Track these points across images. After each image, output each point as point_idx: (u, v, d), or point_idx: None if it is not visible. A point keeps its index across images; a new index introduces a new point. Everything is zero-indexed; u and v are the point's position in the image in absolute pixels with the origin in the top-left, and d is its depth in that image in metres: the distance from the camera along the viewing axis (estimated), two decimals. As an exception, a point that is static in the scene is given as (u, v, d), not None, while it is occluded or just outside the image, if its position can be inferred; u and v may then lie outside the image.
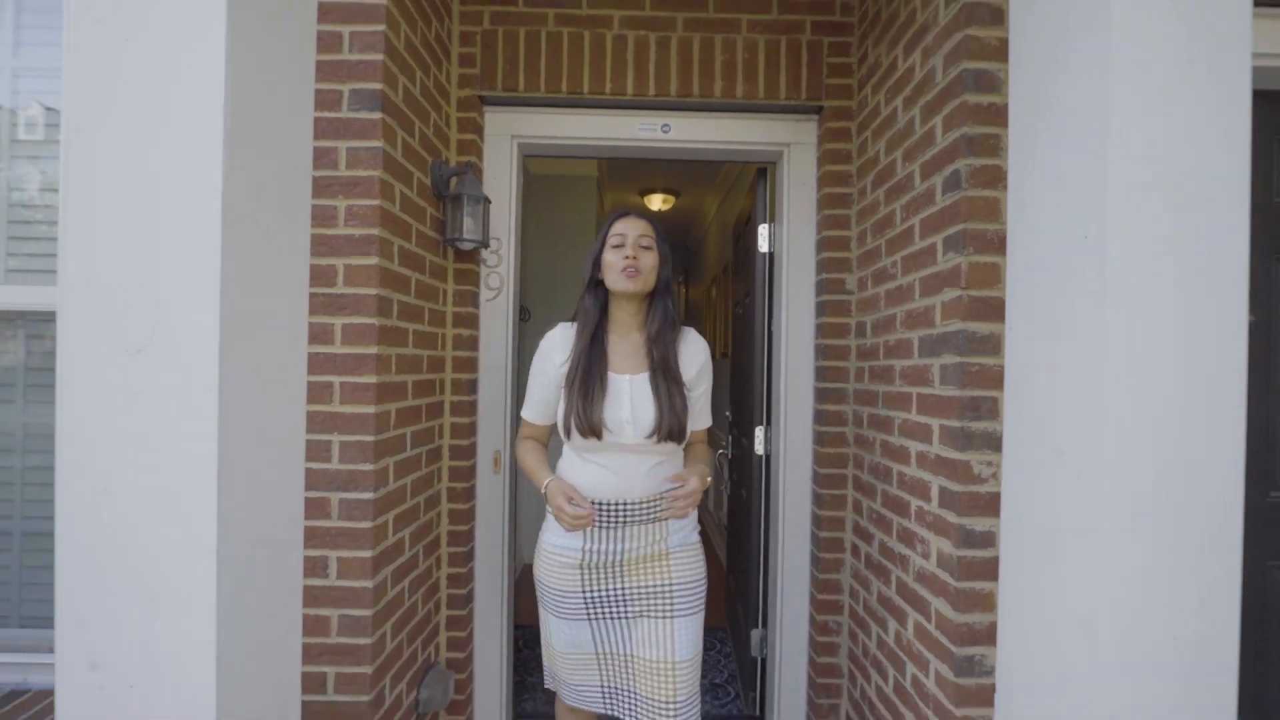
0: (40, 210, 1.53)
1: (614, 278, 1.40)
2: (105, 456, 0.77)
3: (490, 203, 1.84)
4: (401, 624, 1.58)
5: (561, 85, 1.88)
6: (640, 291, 1.42)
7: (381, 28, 1.40)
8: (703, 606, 1.45)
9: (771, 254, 2.11)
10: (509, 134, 1.94)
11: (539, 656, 2.73)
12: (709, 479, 1.42)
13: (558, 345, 1.45)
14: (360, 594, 1.39)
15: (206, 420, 0.76)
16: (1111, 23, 0.80)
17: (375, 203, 1.39)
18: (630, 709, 1.43)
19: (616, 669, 1.44)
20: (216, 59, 0.80)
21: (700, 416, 1.49)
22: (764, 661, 2.11)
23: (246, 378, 0.84)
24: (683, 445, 1.45)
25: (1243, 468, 0.79)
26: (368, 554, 1.39)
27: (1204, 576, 0.78)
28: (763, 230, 2.14)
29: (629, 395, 1.37)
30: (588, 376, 1.37)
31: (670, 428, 1.36)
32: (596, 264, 1.45)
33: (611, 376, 1.39)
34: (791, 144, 1.97)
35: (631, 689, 1.42)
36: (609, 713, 1.46)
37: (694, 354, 1.46)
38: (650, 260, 1.42)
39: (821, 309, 1.92)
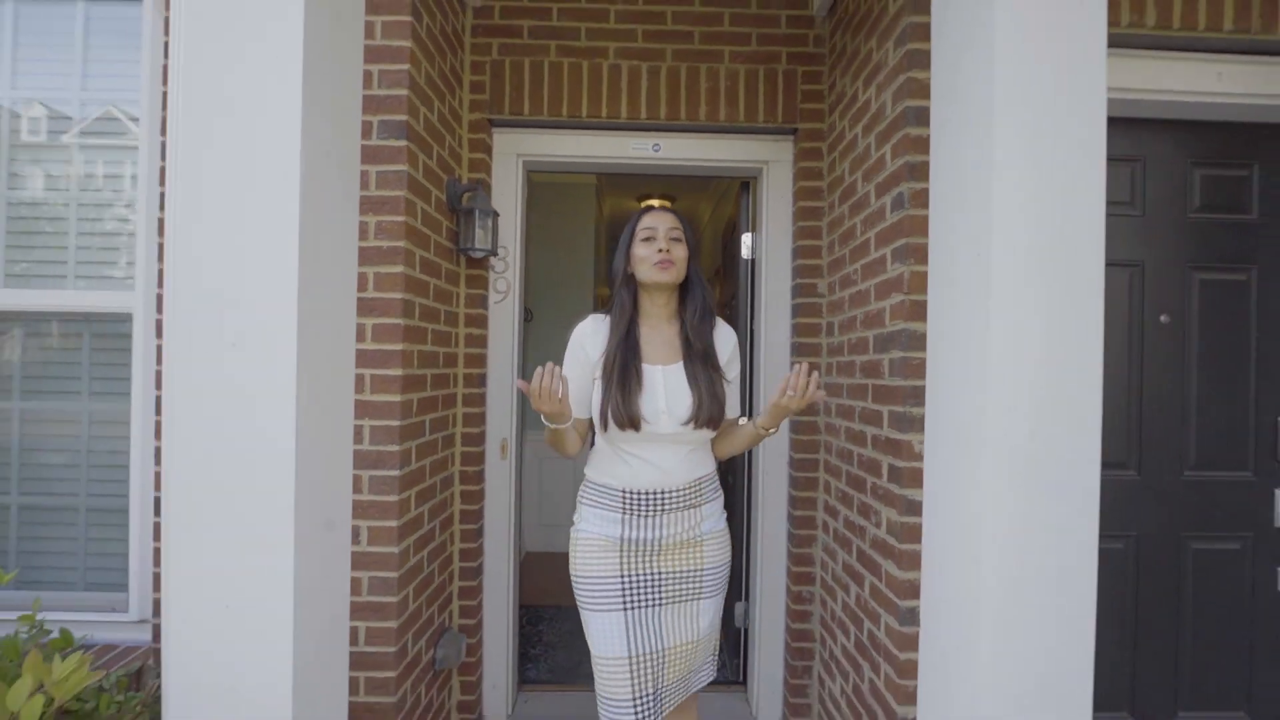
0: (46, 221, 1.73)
1: (647, 270, 1.40)
2: (206, 428, 0.97)
3: (499, 216, 2.05)
4: (421, 588, 1.78)
5: (562, 109, 2.09)
6: (673, 283, 1.42)
7: (405, 67, 1.61)
8: (726, 586, 1.50)
9: (753, 260, 2.33)
10: (515, 153, 2.16)
11: (540, 633, 2.95)
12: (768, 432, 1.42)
13: (589, 336, 1.43)
14: (387, 559, 1.60)
15: (286, 402, 0.97)
16: (995, 85, 1.02)
17: (400, 219, 1.60)
18: (657, 710, 1.39)
19: (650, 671, 1.39)
20: (293, 109, 1.01)
21: (732, 405, 1.48)
22: (747, 631, 2.32)
23: (315, 368, 1.04)
24: (716, 433, 1.45)
25: (1099, 433, 1.00)
26: (393, 524, 1.60)
27: (1066, 519, 0.99)
28: (745, 239, 2.36)
29: (663, 386, 1.38)
30: (625, 369, 1.36)
31: (711, 413, 1.37)
32: (627, 258, 1.44)
33: (645, 368, 1.39)
34: (770, 162, 2.19)
35: (661, 686, 1.41)
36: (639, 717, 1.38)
37: (723, 342, 1.47)
38: (681, 252, 1.41)
39: (796, 310, 2.14)
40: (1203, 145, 1.79)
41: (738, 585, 2.35)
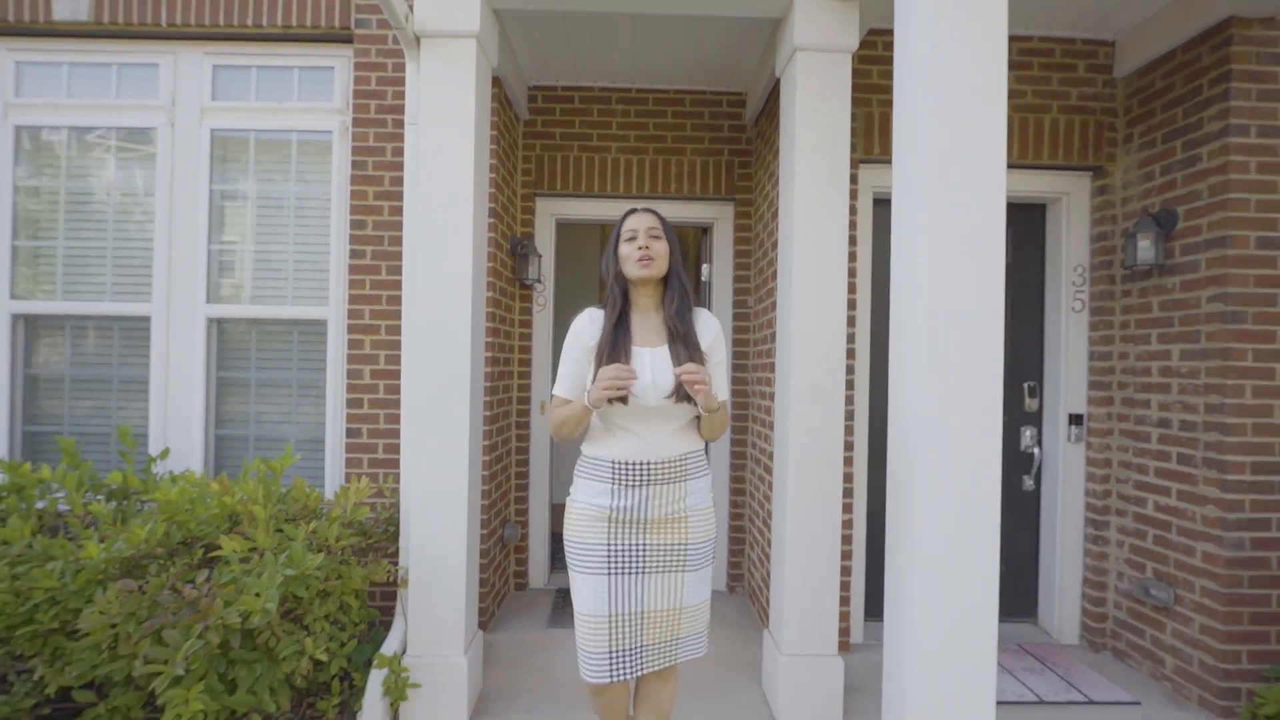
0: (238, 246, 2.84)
1: (631, 267, 1.54)
2: (425, 380, 2.11)
3: (541, 256, 3.18)
4: (496, 488, 2.91)
5: (582, 186, 3.20)
6: (655, 276, 1.55)
7: (492, 175, 2.73)
8: (710, 561, 1.59)
9: (710, 282, 3.45)
10: (550, 214, 3.28)
11: (561, 548, 4.04)
12: (720, 406, 1.54)
13: (586, 325, 1.60)
14: (483, 464, 2.72)
15: (464, 365, 2.08)
16: (794, 197, 2.15)
17: (490, 264, 2.72)
18: (635, 666, 1.50)
19: (627, 629, 1.49)
20: (468, 199, 2.13)
21: (718, 387, 1.58)
22: (704, 533, 3.44)
23: (474, 352, 2.18)
24: (698, 413, 1.55)
25: (842, 386, 2.13)
26: (485, 443, 2.72)
27: (830, 423, 2.12)
28: (705, 268, 3.48)
29: (650, 364, 1.50)
30: (614, 350, 1.51)
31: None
32: (615, 257, 1.58)
33: (635, 349, 1.52)
34: (718, 219, 3.31)
35: (640, 644, 1.50)
36: (614, 680, 1.51)
37: (705, 328, 1.60)
38: (661, 248, 1.55)
39: (735, 317, 3.26)
40: (975, 217, 2.91)
41: (699, 502, 3.46)
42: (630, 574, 1.50)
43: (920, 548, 1.49)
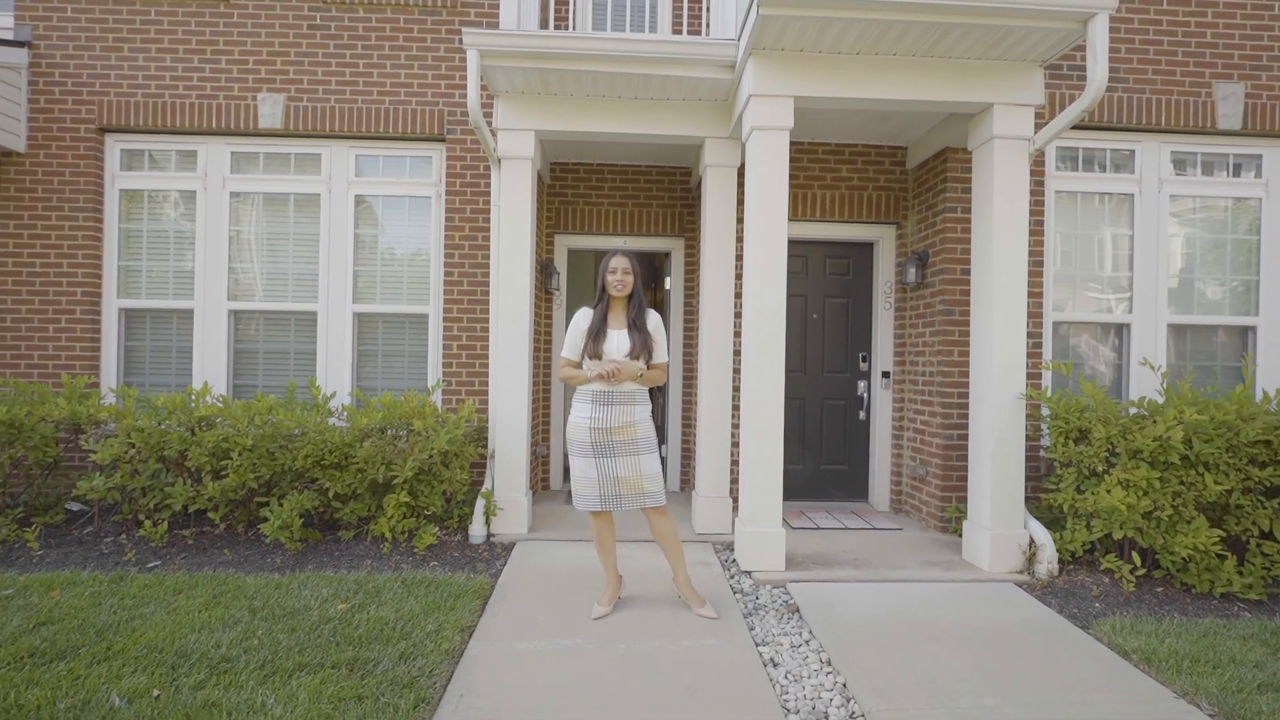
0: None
1: (611, 289, 2.71)
2: (504, 349, 3.83)
3: (559, 273, 4.92)
4: (534, 421, 4.64)
5: (585, 227, 4.94)
6: (625, 296, 2.73)
7: (533, 223, 4.47)
8: (655, 449, 2.73)
9: (670, 290, 5.20)
10: (565, 245, 5.02)
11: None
12: (638, 373, 2.66)
13: (583, 317, 2.77)
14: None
15: (523, 342, 3.80)
16: (706, 259, 3.90)
17: (533, 280, 4.45)
18: (616, 504, 2.66)
19: (609, 486, 2.65)
20: (526, 246, 3.90)
21: (658, 355, 2.74)
22: (665, 459, 5.20)
23: (529, 333, 3.90)
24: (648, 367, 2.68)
25: (730, 351, 3.88)
26: (531, 394, 4.46)
27: (725, 372, 3.87)
28: (668, 280, 5.23)
29: (614, 338, 2.70)
30: (598, 330, 2.71)
31: (639, 353, 2.66)
32: (603, 279, 2.74)
33: (609, 331, 2.72)
34: (674, 249, 5.07)
35: (617, 493, 2.66)
36: (603, 508, 2.68)
37: (650, 320, 2.75)
38: (629, 279, 2.71)
39: (685, 314, 5.01)
40: (830, 250, 4.69)
41: (662, 438, 5.22)
42: (606, 457, 2.68)
43: (748, 435, 3.26)
